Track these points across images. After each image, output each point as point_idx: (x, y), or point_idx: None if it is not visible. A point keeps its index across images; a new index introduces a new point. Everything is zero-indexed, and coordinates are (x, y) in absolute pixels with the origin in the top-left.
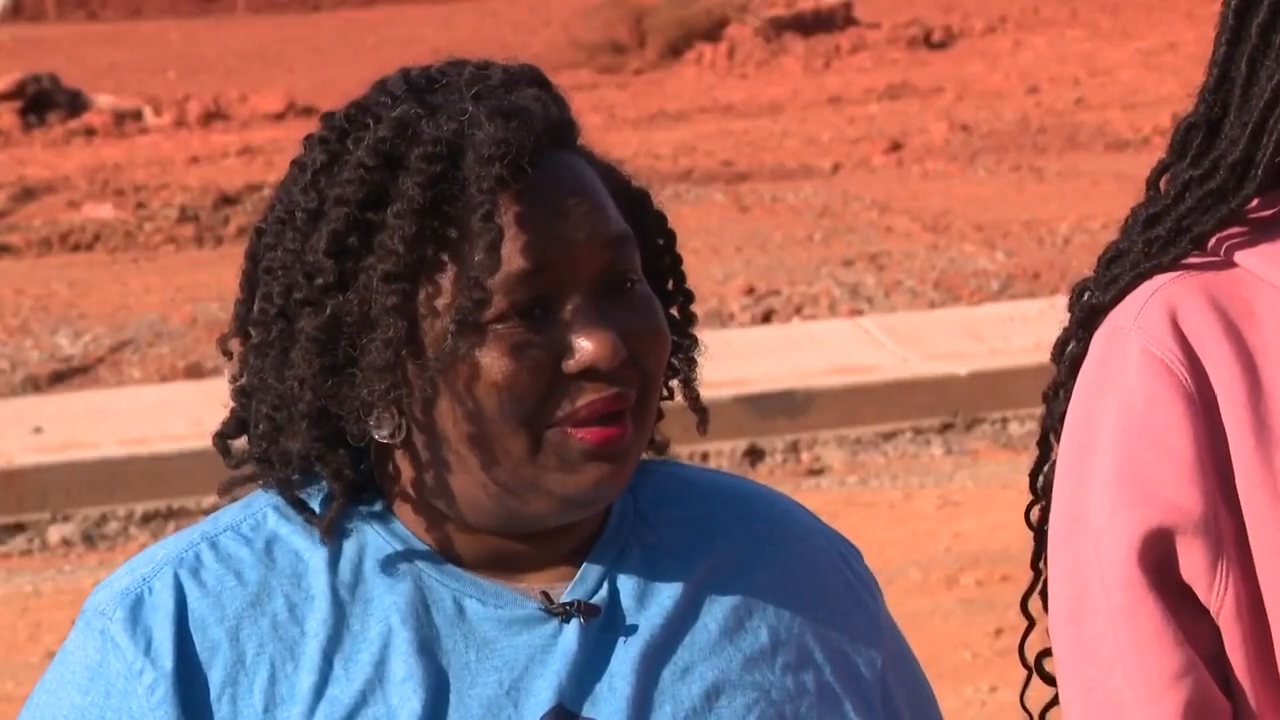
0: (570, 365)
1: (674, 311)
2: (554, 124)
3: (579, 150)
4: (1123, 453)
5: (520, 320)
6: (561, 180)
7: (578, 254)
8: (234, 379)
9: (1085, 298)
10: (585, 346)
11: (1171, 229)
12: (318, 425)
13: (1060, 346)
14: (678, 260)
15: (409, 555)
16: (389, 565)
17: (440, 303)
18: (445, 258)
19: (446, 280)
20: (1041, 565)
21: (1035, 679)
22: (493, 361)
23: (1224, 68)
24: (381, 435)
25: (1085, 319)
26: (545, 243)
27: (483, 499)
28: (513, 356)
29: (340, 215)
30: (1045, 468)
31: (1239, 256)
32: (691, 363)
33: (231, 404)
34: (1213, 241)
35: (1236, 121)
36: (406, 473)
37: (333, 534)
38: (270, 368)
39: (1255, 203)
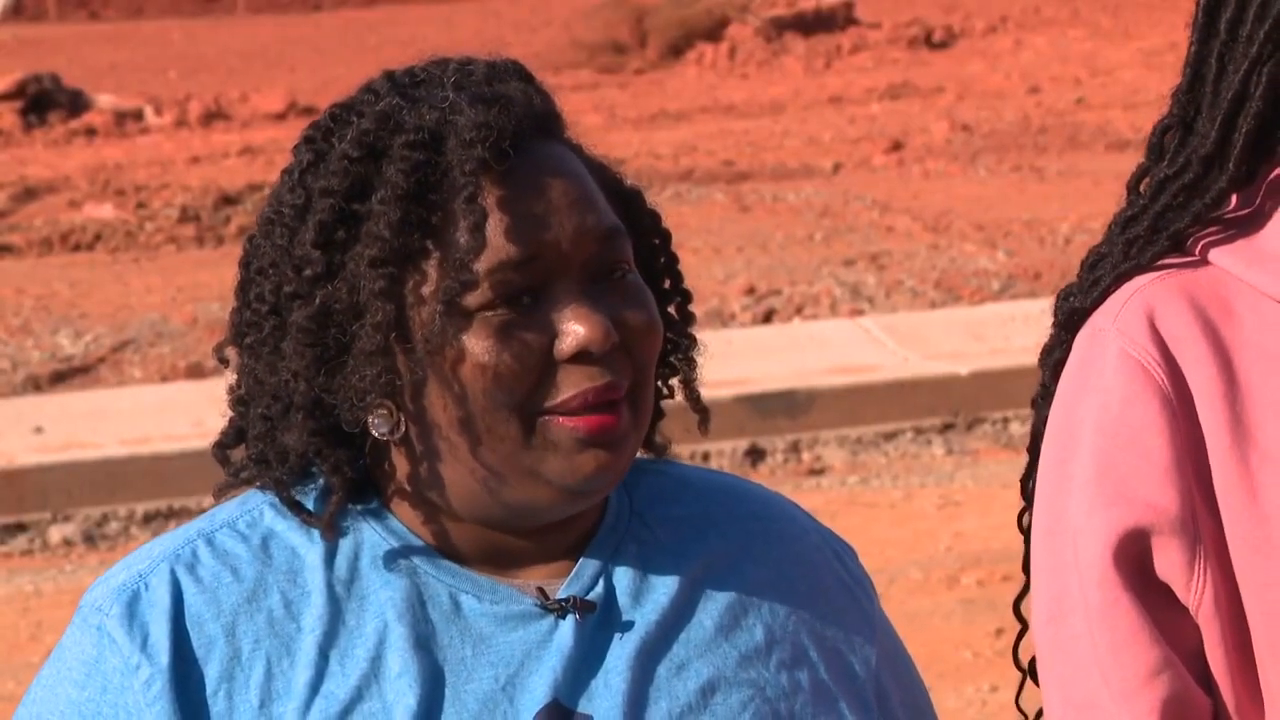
0: (561, 349)
1: (672, 310)
2: (537, 113)
3: (566, 142)
4: (1100, 453)
5: (508, 307)
6: (545, 165)
7: (565, 243)
8: (232, 388)
9: (1069, 301)
10: (576, 330)
11: (1149, 228)
12: (314, 418)
13: (1045, 351)
14: (674, 259)
15: (405, 551)
16: (385, 561)
17: (427, 290)
18: (430, 245)
19: (432, 267)
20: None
21: (1030, 682)
22: (478, 345)
23: (1196, 67)
24: (380, 433)
25: (1067, 322)
26: (530, 227)
27: (475, 488)
28: (498, 340)
29: (326, 206)
30: (1036, 473)
31: (1217, 256)
32: (691, 362)
33: (230, 413)
34: (1191, 242)
35: (1208, 117)
36: (402, 467)
37: (333, 530)
38: (264, 365)
39: (1233, 202)
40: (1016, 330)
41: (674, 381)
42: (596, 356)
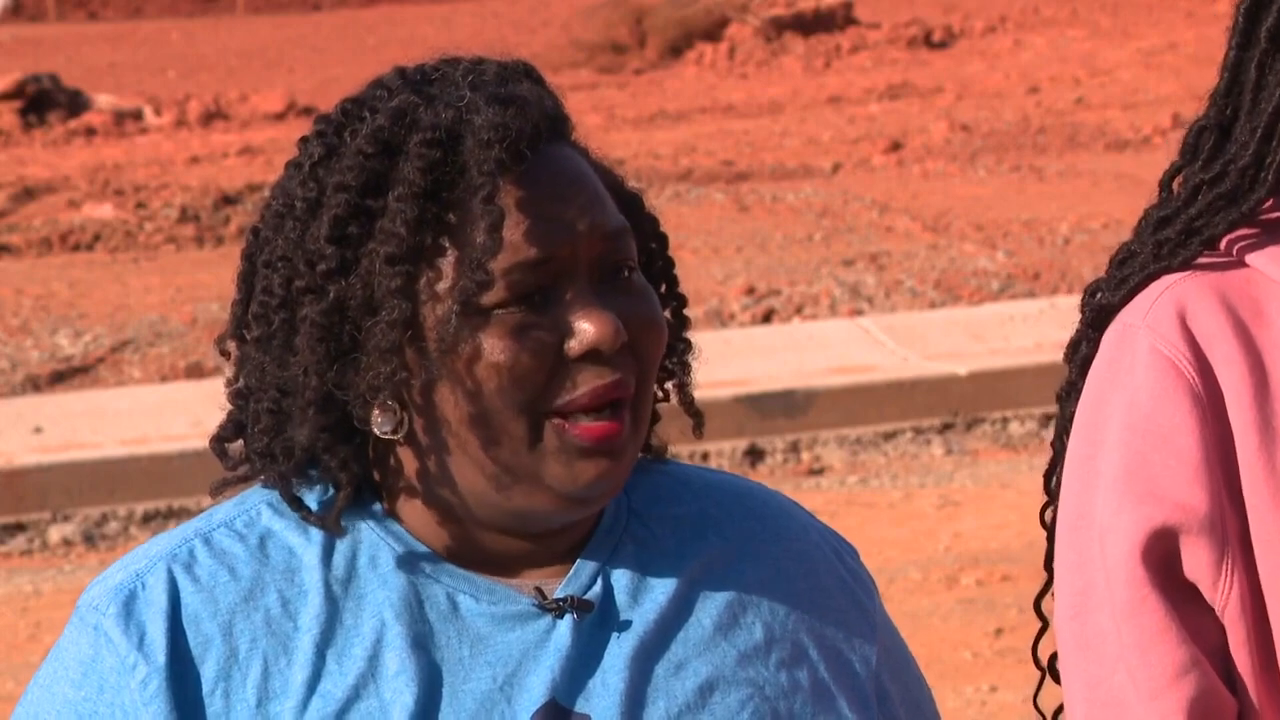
0: (573, 347)
1: (668, 315)
2: (550, 115)
3: (574, 144)
4: (1129, 451)
5: (521, 306)
6: (560, 168)
7: (579, 242)
8: (230, 381)
9: (1096, 298)
10: (587, 329)
11: (1182, 231)
12: (324, 413)
13: (1072, 347)
14: (670, 263)
15: (403, 551)
16: (383, 561)
17: (441, 287)
18: (445, 243)
19: (447, 265)
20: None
21: (1048, 680)
22: (494, 344)
23: (1234, 72)
24: (384, 431)
25: (1095, 319)
26: (546, 228)
27: (482, 486)
28: (514, 338)
29: (341, 201)
30: (1059, 469)
31: (1250, 257)
32: (686, 366)
33: (228, 407)
34: (1224, 242)
35: (1246, 125)
36: (409, 466)
37: (338, 526)
38: (273, 359)
39: (1267, 204)
40: (1016, 330)
41: (669, 385)
42: (606, 355)
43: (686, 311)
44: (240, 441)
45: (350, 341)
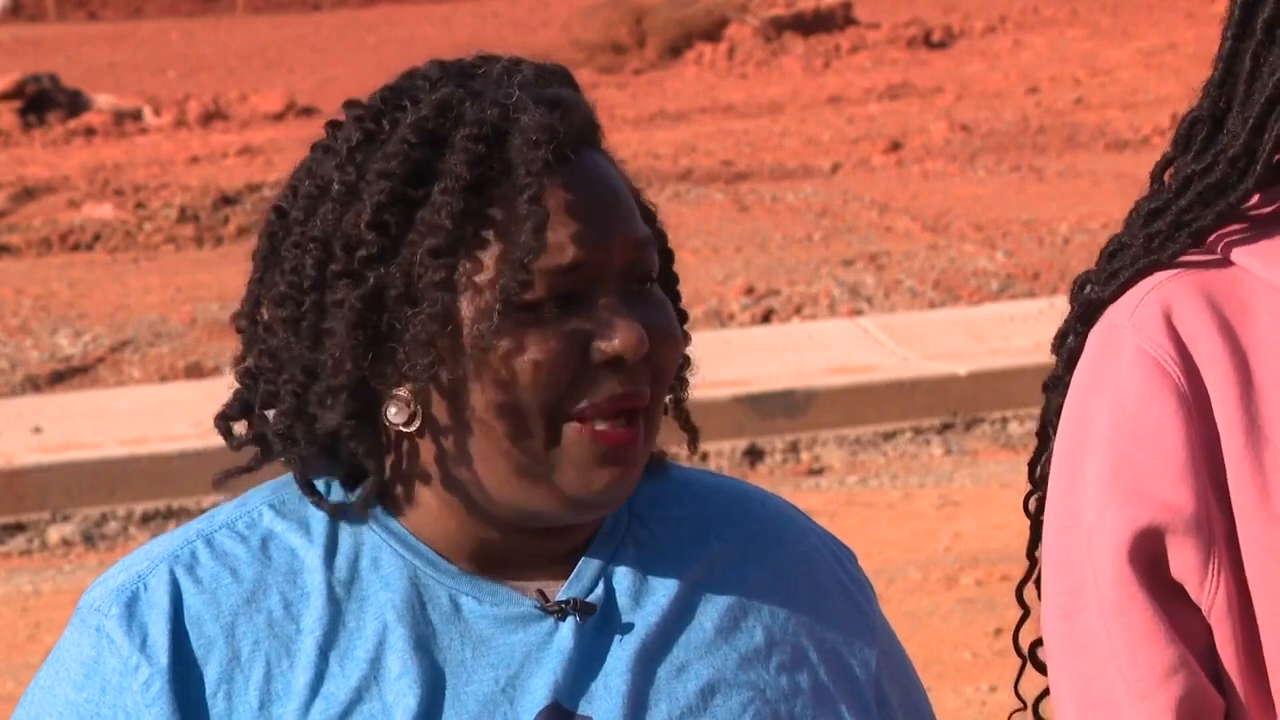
0: (600, 352)
1: None
2: (587, 120)
3: (605, 153)
4: (1115, 451)
5: (556, 306)
6: (597, 174)
7: (612, 249)
8: (238, 360)
9: (1085, 291)
10: (615, 336)
11: (1171, 223)
12: (356, 398)
13: (1060, 339)
14: (675, 279)
15: (406, 553)
16: (385, 563)
17: (480, 279)
18: (488, 236)
19: (489, 258)
20: (1036, 555)
21: (1030, 670)
22: (530, 341)
23: (1229, 62)
24: (394, 422)
25: (1084, 313)
26: (585, 232)
27: (502, 476)
28: (548, 338)
29: (384, 189)
30: (1043, 458)
31: (1237, 255)
32: (683, 382)
33: (235, 385)
34: (1212, 239)
35: (1238, 117)
36: (425, 457)
37: (365, 512)
38: (302, 341)
39: (1255, 200)
40: (1015, 330)
41: (665, 399)
42: (628, 364)
43: (687, 326)
44: (244, 422)
45: (388, 329)
